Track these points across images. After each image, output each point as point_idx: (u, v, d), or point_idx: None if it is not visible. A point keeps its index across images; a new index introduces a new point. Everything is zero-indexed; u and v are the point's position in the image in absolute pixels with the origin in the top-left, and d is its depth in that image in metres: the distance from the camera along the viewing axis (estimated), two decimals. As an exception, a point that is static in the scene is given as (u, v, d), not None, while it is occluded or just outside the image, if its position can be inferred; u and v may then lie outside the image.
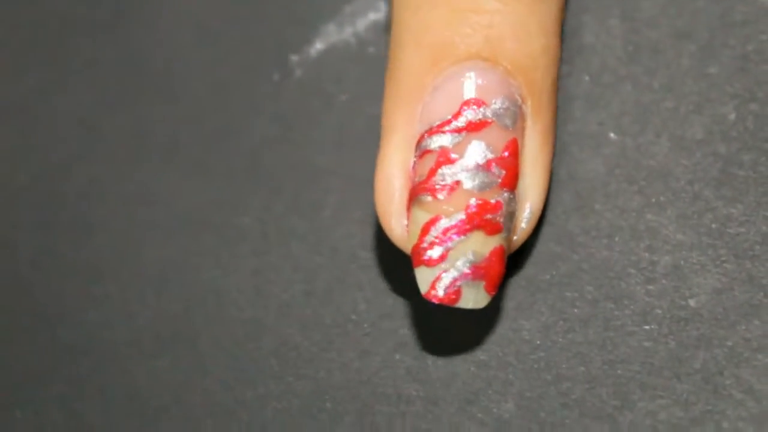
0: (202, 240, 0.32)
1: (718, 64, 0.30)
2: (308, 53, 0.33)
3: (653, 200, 0.29)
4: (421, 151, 0.27)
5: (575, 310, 0.29)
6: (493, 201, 0.27)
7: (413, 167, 0.27)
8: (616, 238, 0.29)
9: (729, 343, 0.28)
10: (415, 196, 0.27)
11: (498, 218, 0.27)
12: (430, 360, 0.29)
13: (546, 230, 0.29)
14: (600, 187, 0.29)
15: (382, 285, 0.30)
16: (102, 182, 0.34)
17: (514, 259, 0.29)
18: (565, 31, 0.31)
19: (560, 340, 0.29)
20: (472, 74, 0.27)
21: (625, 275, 0.29)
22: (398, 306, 0.30)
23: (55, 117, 0.35)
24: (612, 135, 0.30)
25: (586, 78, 0.31)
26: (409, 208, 0.27)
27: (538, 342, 0.29)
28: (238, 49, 0.34)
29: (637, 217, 0.29)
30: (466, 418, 0.29)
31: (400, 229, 0.28)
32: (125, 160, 0.34)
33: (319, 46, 0.33)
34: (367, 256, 0.31)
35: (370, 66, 0.33)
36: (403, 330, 0.30)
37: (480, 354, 0.29)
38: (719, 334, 0.28)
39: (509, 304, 0.29)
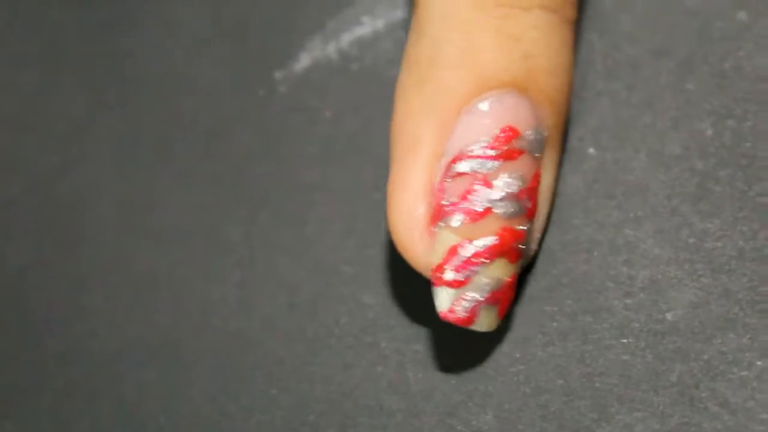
0: (188, 252, 0.33)
1: (696, 81, 0.30)
2: (292, 69, 0.34)
3: (631, 215, 0.29)
4: (454, 173, 0.27)
5: (554, 324, 0.29)
6: (518, 229, 0.27)
7: (441, 187, 0.27)
8: (595, 253, 0.29)
9: (705, 357, 0.28)
10: (442, 216, 0.27)
11: (520, 246, 0.27)
12: (411, 373, 0.30)
13: (526, 244, 0.30)
14: (579, 202, 0.30)
15: (364, 299, 0.31)
16: (90, 193, 0.34)
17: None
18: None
19: (539, 353, 0.29)
20: (510, 102, 0.27)
21: (603, 289, 0.29)
22: (380, 319, 0.30)
23: (45, 124, 0.36)
24: (591, 150, 0.30)
25: (566, 94, 0.31)
26: (432, 226, 0.27)
27: (518, 355, 0.29)
28: (225, 64, 0.34)
29: (616, 232, 0.29)
30: (446, 430, 0.29)
31: (423, 250, 0.28)
32: (113, 172, 0.34)
33: (303, 62, 0.34)
34: (350, 270, 0.31)
35: (352, 82, 0.33)
36: (385, 343, 0.30)
37: (460, 367, 0.29)
38: (696, 348, 0.28)
39: (489, 317, 0.29)
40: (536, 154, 0.27)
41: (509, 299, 0.28)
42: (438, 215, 0.27)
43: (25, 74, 0.37)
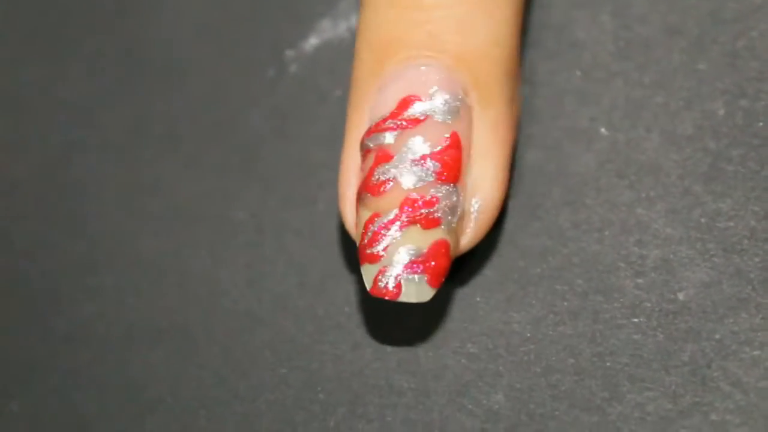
0: (197, 232, 0.33)
1: (708, 61, 0.30)
2: (303, 48, 0.34)
3: (643, 195, 0.29)
4: (364, 151, 0.28)
5: (565, 303, 0.29)
6: (428, 196, 0.27)
7: (361, 167, 0.28)
8: (606, 232, 0.29)
9: (717, 336, 0.28)
10: (359, 195, 0.28)
11: (435, 212, 0.27)
12: (422, 352, 0.30)
13: (537, 224, 0.30)
14: (591, 182, 0.30)
15: (374, 278, 0.31)
16: (98, 175, 0.34)
17: (505, 252, 0.30)
18: (556, 27, 0.31)
19: (550, 332, 0.29)
20: (413, 71, 0.28)
21: (614, 269, 0.29)
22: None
23: (53, 109, 0.36)
24: (603, 130, 0.30)
25: (578, 73, 0.31)
26: (357, 207, 0.28)
27: (528, 334, 0.29)
28: (235, 44, 0.34)
29: (628, 212, 0.29)
30: (456, 410, 0.29)
31: (354, 228, 0.28)
32: (122, 153, 0.34)
33: (313, 41, 0.34)
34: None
35: (363, 61, 0.33)
36: (395, 322, 0.30)
37: (470, 346, 0.29)
38: (707, 327, 0.28)
39: (500, 296, 0.29)
40: (447, 117, 0.27)
41: (440, 266, 0.27)
42: (357, 194, 0.28)
43: (32, 59, 0.37)
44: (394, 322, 0.30)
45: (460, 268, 0.30)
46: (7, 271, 0.34)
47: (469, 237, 0.28)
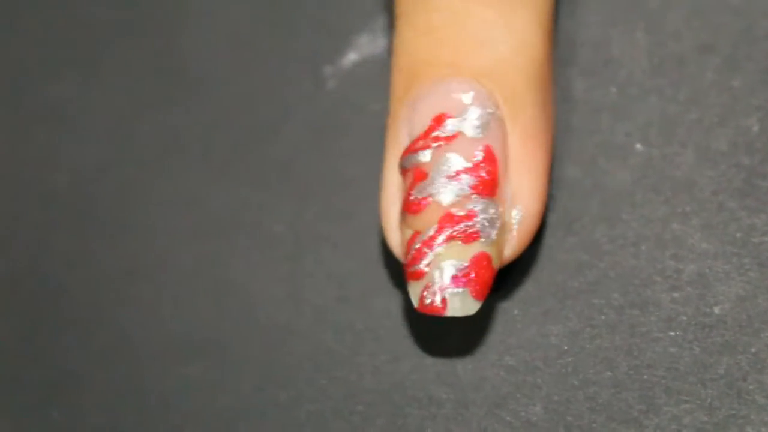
0: (235, 246, 0.33)
1: (742, 77, 0.30)
2: (341, 65, 0.34)
3: (678, 210, 0.30)
4: (402, 171, 0.28)
5: (602, 317, 0.29)
6: (464, 210, 0.27)
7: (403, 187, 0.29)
8: (642, 247, 0.30)
9: (753, 350, 0.28)
10: (401, 215, 0.28)
11: (474, 226, 0.27)
12: (460, 364, 0.30)
13: (573, 239, 0.30)
14: (626, 197, 0.30)
15: (413, 291, 0.31)
16: (136, 187, 0.35)
17: (542, 267, 0.30)
18: (591, 44, 0.32)
19: (587, 345, 0.29)
20: (441, 89, 0.28)
21: (650, 283, 0.29)
22: (429, 311, 0.31)
23: (89, 121, 0.36)
24: (638, 146, 0.30)
25: (613, 90, 0.31)
26: (401, 227, 0.29)
27: (566, 347, 0.29)
28: (273, 59, 0.35)
29: (663, 227, 0.30)
30: (494, 421, 0.29)
31: (398, 247, 0.29)
32: (159, 166, 0.35)
33: (352, 57, 0.34)
34: (398, 262, 0.31)
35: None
36: (434, 335, 0.30)
37: (509, 359, 0.30)
38: (743, 341, 0.28)
39: (538, 310, 0.30)
40: (477, 132, 0.28)
41: (483, 279, 0.28)
42: (400, 214, 0.28)
43: (67, 71, 0.37)
44: (432, 335, 0.30)
45: (497, 282, 0.30)
46: (45, 282, 0.35)
47: (511, 248, 0.28)
